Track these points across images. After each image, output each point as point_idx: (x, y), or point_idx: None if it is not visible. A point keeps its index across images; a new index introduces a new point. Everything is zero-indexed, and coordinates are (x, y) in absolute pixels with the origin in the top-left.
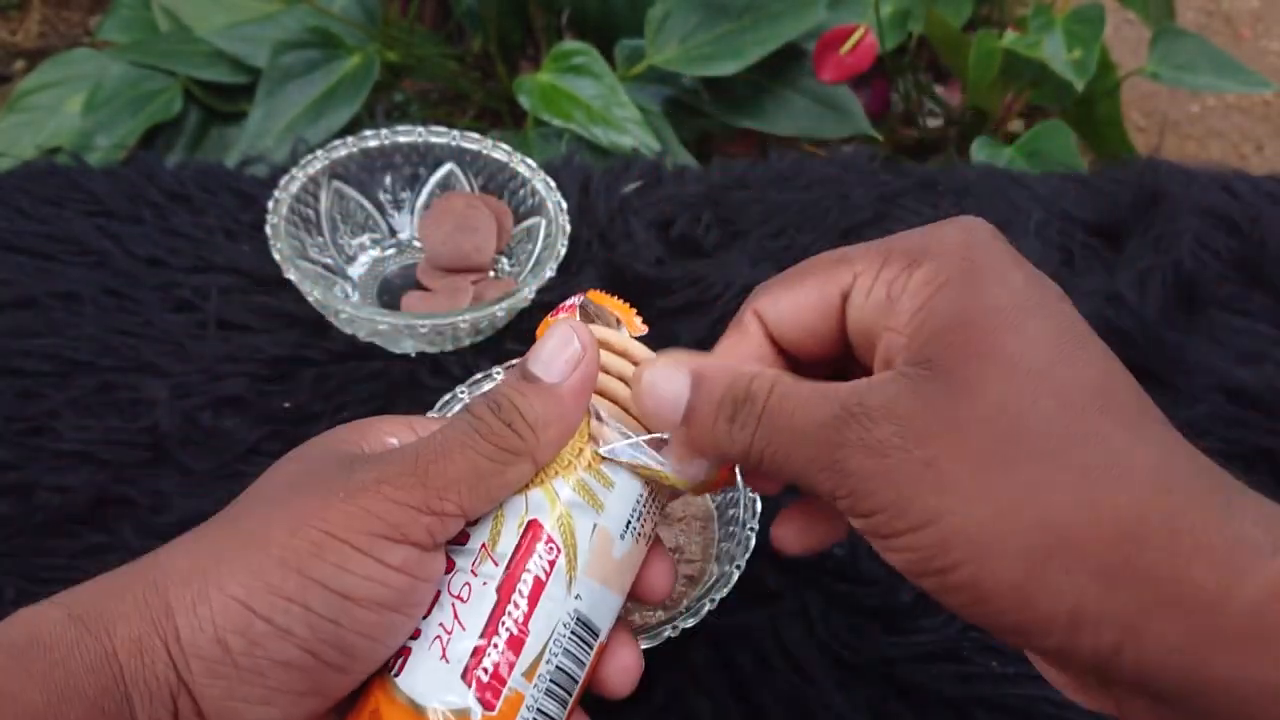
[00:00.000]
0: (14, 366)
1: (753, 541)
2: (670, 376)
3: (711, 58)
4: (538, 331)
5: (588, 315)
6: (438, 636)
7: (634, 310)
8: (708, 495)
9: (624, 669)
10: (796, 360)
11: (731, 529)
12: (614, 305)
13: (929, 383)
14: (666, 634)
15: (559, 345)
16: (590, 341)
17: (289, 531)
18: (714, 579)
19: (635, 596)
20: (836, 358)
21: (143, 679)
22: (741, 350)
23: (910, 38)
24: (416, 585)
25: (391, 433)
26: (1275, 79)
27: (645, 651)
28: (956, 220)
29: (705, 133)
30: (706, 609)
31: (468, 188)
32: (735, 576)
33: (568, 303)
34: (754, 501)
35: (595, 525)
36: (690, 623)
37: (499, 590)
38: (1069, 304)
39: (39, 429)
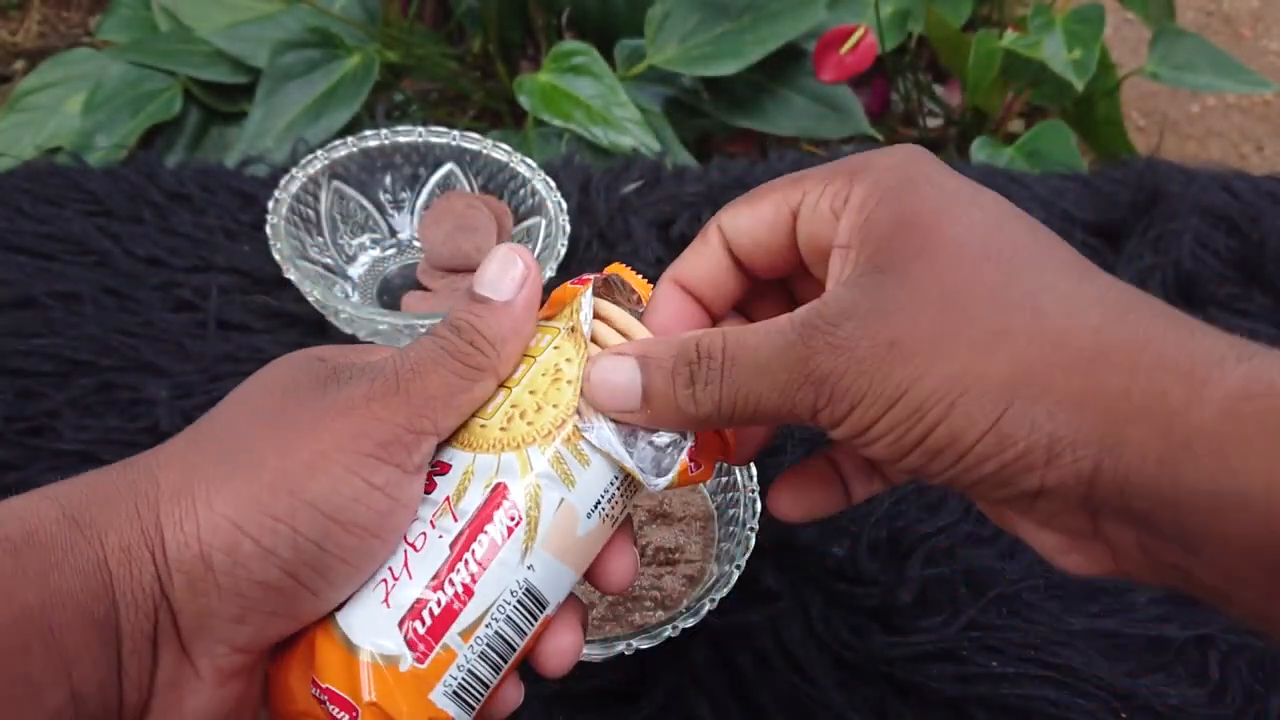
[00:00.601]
0: (14, 366)
1: (753, 541)
2: (616, 365)
3: (711, 58)
4: (554, 296)
5: (610, 289)
6: (384, 580)
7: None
8: (708, 495)
9: (561, 650)
10: (753, 277)
11: (731, 529)
12: (637, 282)
13: (879, 283)
14: (666, 634)
15: (503, 266)
16: (533, 260)
17: (281, 451)
18: (714, 579)
19: (591, 581)
20: (788, 274)
21: (130, 589)
22: (704, 261)
23: (910, 38)
24: (395, 509)
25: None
26: (1275, 79)
27: (645, 651)
28: (896, 145)
29: (705, 133)
30: (706, 609)
31: (468, 188)
32: (735, 576)
33: (590, 275)
34: (754, 501)
35: (563, 500)
36: (690, 623)
37: (453, 546)
38: (1004, 200)
39: (39, 429)
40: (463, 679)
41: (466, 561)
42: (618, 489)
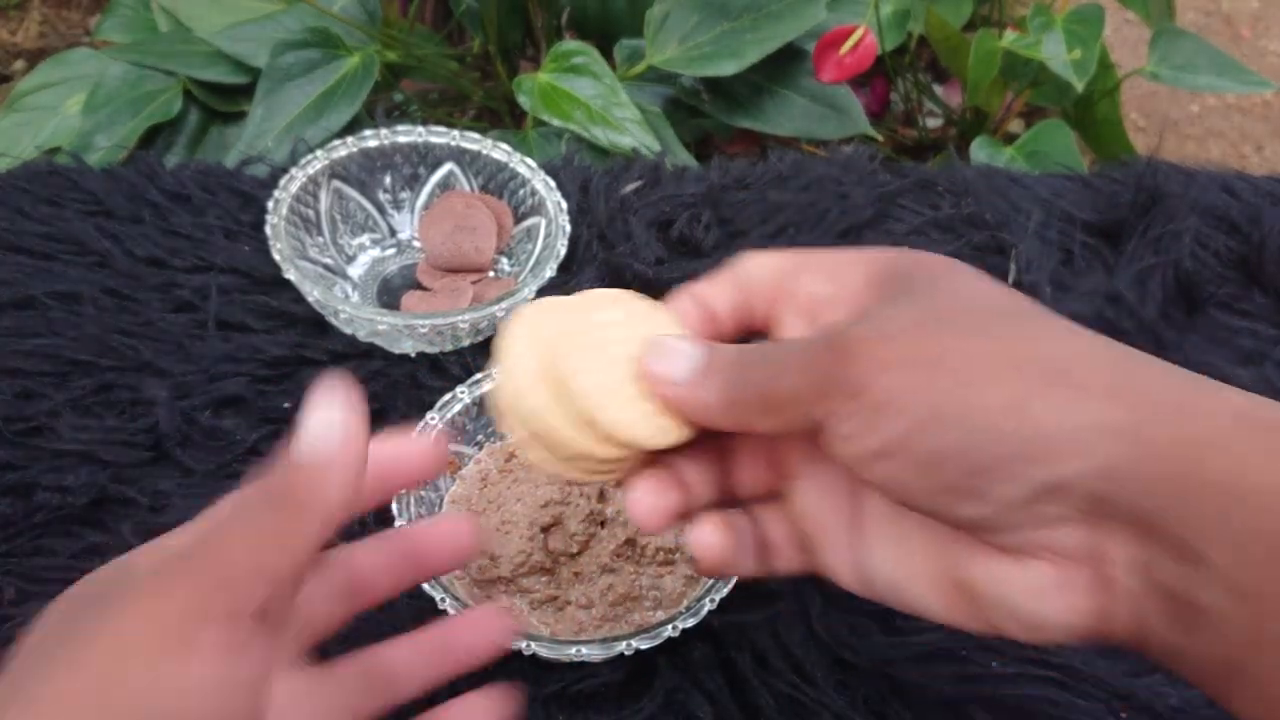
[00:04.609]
0: (14, 366)
1: None
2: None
3: (711, 58)
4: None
5: None
6: None
7: None
8: None
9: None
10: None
11: None
12: None
13: (896, 308)
14: (666, 634)
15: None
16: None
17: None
18: (714, 579)
19: None
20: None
21: None
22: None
23: (910, 38)
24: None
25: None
26: (1275, 79)
27: (645, 651)
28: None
29: (705, 133)
30: (706, 609)
31: (468, 188)
32: (735, 576)
33: None
34: None
35: None
36: (690, 623)
37: None
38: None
39: (39, 429)
40: None
41: None
42: None
